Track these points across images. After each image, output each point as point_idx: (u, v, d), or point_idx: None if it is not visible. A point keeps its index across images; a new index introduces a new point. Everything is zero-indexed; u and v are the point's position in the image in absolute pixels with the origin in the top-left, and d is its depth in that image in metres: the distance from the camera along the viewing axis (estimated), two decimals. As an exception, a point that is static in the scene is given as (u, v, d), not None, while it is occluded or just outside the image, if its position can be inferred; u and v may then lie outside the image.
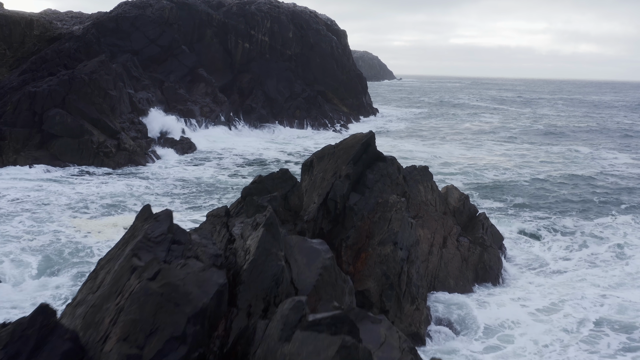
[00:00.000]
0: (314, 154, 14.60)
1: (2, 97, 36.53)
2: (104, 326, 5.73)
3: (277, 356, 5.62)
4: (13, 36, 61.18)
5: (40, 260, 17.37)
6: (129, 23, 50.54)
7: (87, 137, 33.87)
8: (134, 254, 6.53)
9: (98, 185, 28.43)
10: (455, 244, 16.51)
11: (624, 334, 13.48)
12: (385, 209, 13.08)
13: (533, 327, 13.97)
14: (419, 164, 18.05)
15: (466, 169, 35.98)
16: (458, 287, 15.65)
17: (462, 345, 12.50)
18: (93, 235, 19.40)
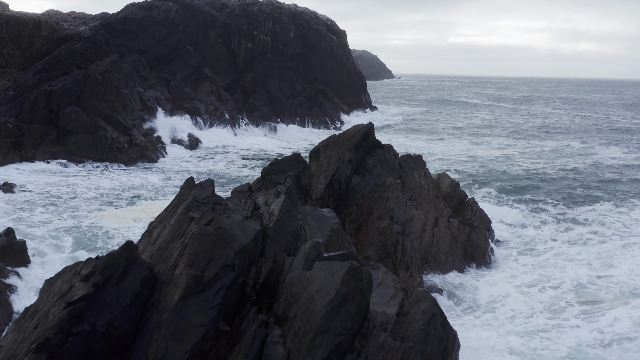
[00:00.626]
0: (320, 142, 16.58)
1: (19, 95, 38.46)
2: (172, 259, 7.68)
3: (301, 280, 7.57)
4: (22, 37, 63.14)
5: (71, 242, 19.30)
6: (137, 24, 52.48)
7: (101, 133, 35.82)
8: (188, 210, 8.49)
9: (119, 179, 30.45)
10: (446, 224, 18.48)
11: (587, 305, 15.39)
12: (383, 189, 15.05)
13: (514, 298, 15.90)
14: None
15: (459, 161, 38.00)
16: (448, 261, 17.63)
17: (448, 306, 14.46)
18: (119, 223, 21.34)
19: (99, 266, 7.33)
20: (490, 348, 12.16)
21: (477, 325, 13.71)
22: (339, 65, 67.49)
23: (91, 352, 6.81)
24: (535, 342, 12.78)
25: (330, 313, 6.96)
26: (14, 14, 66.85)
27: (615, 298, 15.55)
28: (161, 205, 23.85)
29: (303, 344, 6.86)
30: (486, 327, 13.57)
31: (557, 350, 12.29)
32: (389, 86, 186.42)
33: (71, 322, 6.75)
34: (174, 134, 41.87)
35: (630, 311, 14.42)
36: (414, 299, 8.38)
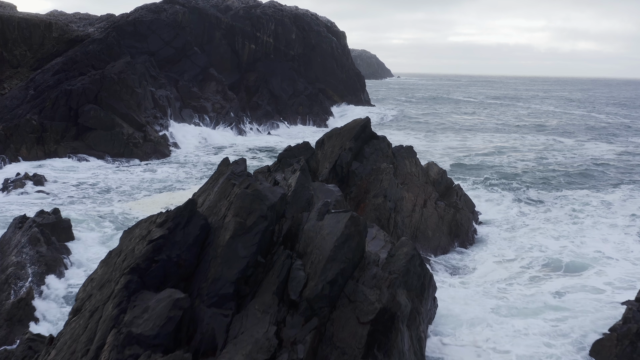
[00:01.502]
0: (325, 134, 19.41)
1: (40, 94, 41.25)
2: (221, 212, 10.51)
3: (315, 227, 10.40)
4: (33, 38, 65.98)
5: (107, 225, 22.09)
6: (146, 27, 55.27)
7: (118, 129, 38.62)
8: (229, 179, 11.32)
9: (143, 172, 33.35)
10: (433, 205, 21.32)
11: (551, 271, 18.21)
12: (378, 173, 17.89)
13: (490, 265, 18.73)
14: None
15: (450, 153, 40.91)
16: (435, 237, 20.47)
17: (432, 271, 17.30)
18: (150, 209, 24.17)
19: (170, 216, 10.18)
20: (463, 297, 15.01)
21: (455, 285, 16.56)
22: (338, 65, 70.31)
23: (167, 276, 9.65)
24: (503, 297, 15.62)
25: (337, 247, 9.82)
26: (25, 16, 69.69)
27: (574, 268, 18.36)
28: (185, 193, 26.96)
29: (318, 269, 9.71)
30: (462, 285, 16.42)
31: (518, 301, 15.16)
32: (388, 85, 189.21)
33: (154, 253, 9.59)
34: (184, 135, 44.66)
35: (585, 279, 17.25)
36: (399, 245, 11.24)
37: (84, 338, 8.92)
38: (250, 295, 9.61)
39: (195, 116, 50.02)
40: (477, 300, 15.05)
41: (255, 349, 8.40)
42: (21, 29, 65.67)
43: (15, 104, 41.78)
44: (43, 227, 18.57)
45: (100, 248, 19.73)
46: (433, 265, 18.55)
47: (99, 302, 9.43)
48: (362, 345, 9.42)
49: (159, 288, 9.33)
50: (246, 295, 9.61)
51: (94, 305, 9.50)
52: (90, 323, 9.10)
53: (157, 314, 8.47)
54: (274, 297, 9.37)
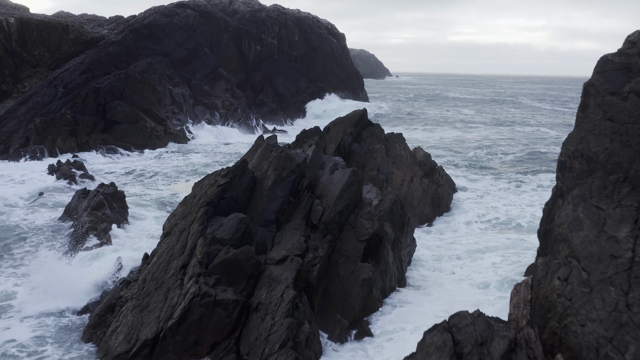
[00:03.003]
0: (330, 122, 24.33)
1: (71, 92, 46.07)
2: (264, 168, 15.41)
3: (328, 178, 15.32)
4: (51, 39, 70.91)
5: (156, 205, 26.93)
6: (160, 29, 60.16)
7: (141, 123, 43.50)
8: (268, 148, 16.23)
9: (175, 161, 38.42)
10: (419, 181, 26.27)
11: (509, 229, 23.14)
12: (373, 152, 22.83)
13: (461, 224, 23.64)
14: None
15: (437, 142, 45.90)
16: (419, 206, 25.39)
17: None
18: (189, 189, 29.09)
19: (231, 170, 15.12)
20: (437, 245, 19.98)
21: (430, 238, 21.56)
22: (338, 65, 75.26)
23: (230, 208, 14.56)
24: (468, 241, 20.59)
25: (343, 190, 14.77)
26: (43, 19, 74.65)
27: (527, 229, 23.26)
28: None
29: (330, 204, 14.65)
30: (435, 238, 21.42)
31: (477, 244, 20.16)
32: (386, 84, 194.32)
33: (222, 193, 14.52)
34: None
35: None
36: (385, 194, 16.21)
37: (178, 246, 13.84)
38: (285, 221, 14.55)
39: (207, 112, 54.88)
40: (446, 247, 20.03)
41: (292, 249, 13.33)
42: (40, 30, 70.63)
43: (47, 101, 46.61)
44: (105, 195, 23.45)
45: (152, 211, 24.73)
46: (416, 225, 23.48)
47: (185, 225, 14.35)
48: (360, 254, 14.36)
49: (225, 215, 14.25)
50: (282, 222, 14.55)
51: (181, 228, 14.42)
52: (181, 237, 14.02)
53: (229, 227, 13.39)
54: (302, 221, 14.32)
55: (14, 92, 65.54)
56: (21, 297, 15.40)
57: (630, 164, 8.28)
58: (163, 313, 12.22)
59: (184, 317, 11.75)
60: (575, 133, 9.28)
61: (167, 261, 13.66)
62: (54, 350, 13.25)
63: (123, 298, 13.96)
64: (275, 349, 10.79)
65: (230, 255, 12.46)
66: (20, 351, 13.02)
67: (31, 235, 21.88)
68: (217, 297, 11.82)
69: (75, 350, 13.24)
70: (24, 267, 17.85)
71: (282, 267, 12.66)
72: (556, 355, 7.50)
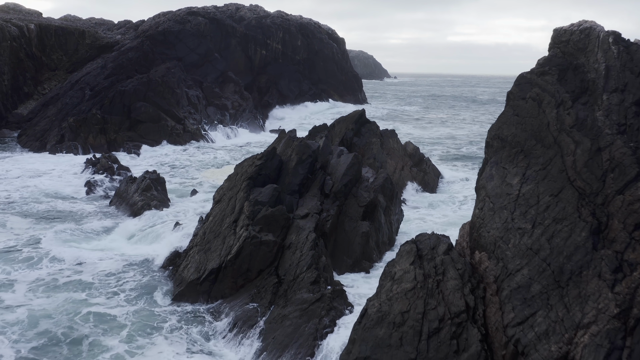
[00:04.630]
0: (335, 120, 29.86)
1: (98, 94, 51.56)
2: (288, 153, 20.90)
3: (336, 161, 20.86)
4: (68, 44, 76.51)
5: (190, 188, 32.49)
6: (174, 36, 65.70)
7: (163, 122, 49.00)
8: (290, 138, 21.74)
9: (201, 155, 44.07)
10: (408, 170, 31.85)
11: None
12: (370, 144, 28.39)
13: (443, 200, 29.20)
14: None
15: (428, 139, 51.51)
16: (409, 190, 30.95)
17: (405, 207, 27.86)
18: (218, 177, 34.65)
19: (264, 154, 20.68)
20: (422, 217, 25.56)
21: (415, 210, 27.12)
22: (338, 68, 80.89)
23: (265, 182, 20.11)
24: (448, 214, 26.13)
25: (347, 169, 20.35)
26: (61, 25, 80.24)
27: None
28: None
29: (338, 179, 20.22)
30: (420, 213, 26.99)
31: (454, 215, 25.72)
32: (384, 85, 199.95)
33: (259, 171, 20.07)
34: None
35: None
36: (379, 173, 21.80)
37: (229, 208, 19.38)
38: (305, 191, 20.10)
39: (218, 113, 60.37)
40: (428, 218, 25.61)
41: (311, 209, 18.87)
42: (58, 36, 76.24)
43: (75, 102, 52.13)
44: (151, 180, 28.97)
45: (187, 193, 30.33)
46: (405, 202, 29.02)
47: (232, 194, 19.88)
48: (360, 216, 19.92)
49: (262, 187, 19.77)
50: (303, 192, 20.09)
51: (229, 196, 19.96)
52: (230, 202, 19.56)
53: (266, 194, 18.92)
54: (317, 191, 19.88)
55: (35, 94, 71.13)
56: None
57: (525, 142, 13.72)
58: (223, 251, 17.76)
59: (239, 253, 17.29)
60: (495, 124, 14.75)
61: (221, 219, 19.21)
62: (136, 275, 18.93)
63: (187, 247, 19.52)
64: (304, 270, 16.33)
65: (269, 212, 18.00)
66: (110, 275, 18.72)
67: (97, 213, 27.51)
68: (262, 239, 17.36)
69: (153, 278, 18.87)
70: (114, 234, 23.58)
71: (305, 220, 18.21)
72: (475, 251, 12.94)
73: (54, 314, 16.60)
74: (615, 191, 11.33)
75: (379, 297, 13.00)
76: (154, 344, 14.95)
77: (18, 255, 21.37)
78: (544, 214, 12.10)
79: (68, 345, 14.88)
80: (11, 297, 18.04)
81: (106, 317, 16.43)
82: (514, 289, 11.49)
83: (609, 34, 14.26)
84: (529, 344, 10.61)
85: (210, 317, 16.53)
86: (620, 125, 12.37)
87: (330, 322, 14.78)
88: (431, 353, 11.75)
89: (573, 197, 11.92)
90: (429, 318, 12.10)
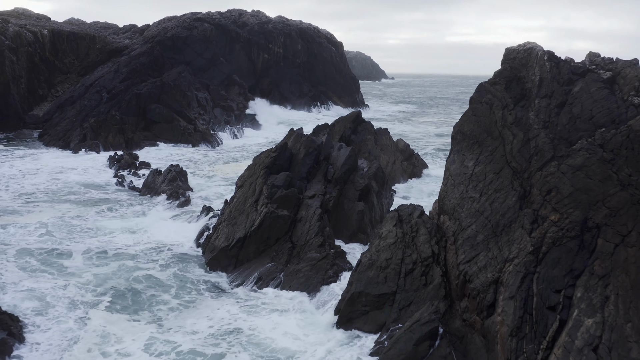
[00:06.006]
0: (335, 120, 34.64)
1: (115, 97, 56.28)
2: (297, 147, 25.72)
3: (337, 153, 25.65)
4: (80, 49, 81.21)
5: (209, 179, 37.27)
6: (182, 42, 70.47)
7: (176, 122, 53.74)
8: (299, 135, 26.50)
9: (213, 153, 48.84)
10: (399, 163, 36.68)
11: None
12: (365, 140, 33.21)
13: (429, 186, 34.03)
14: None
15: (419, 137, 56.38)
16: (400, 180, 35.78)
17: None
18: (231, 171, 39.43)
19: (278, 148, 25.51)
20: (408, 200, 30.34)
21: (403, 199, 31.92)
22: (337, 71, 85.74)
23: (279, 170, 24.89)
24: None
25: (346, 160, 25.18)
26: (73, 30, 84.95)
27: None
28: (244, 163, 42.39)
29: (338, 167, 25.03)
30: (407, 199, 31.77)
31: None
32: (381, 86, 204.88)
33: (274, 161, 24.86)
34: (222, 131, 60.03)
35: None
36: (372, 163, 26.64)
37: (250, 191, 24.16)
38: (312, 178, 24.89)
39: (224, 114, 65.15)
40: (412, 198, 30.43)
41: (317, 191, 23.65)
42: (69, 41, 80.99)
43: (94, 104, 56.84)
44: (176, 172, 33.73)
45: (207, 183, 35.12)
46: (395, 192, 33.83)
47: (252, 180, 24.66)
48: (356, 198, 24.73)
49: (277, 174, 24.54)
50: (310, 178, 24.88)
51: (250, 182, 24.74)
52: (251, 186, 24.34)
53: (281, 179, 23.69)
54: (322, 177, 24.68)
55: (49, 96, 75.83)
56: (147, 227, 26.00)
57: (479, 135, 18.46)
58: (247, 224, 22.53)
59: (260, 225, 22.06)
60: (458, 122, 19.50)
61: (244, 199, 23.99)
62: (173, 248, 23.75)
63: (216, 223, 24.31)
64: (312, 237, 21.12)
65: (284, 193, 22.78)
66: (150, 249, 23.53)
67: (130, 200, 32.31)
68: (279, 214, 22.14)
69: (188, 250, 23.68)
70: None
71: (312, 200, 23.01)
72: (440, 215, 17.67)
73: (113, 277, 21.22)
74: (537, 169, 16.12)
75: (370, 250, 17.82)
76: (199, 298, 19.64)
77: (71, 230, 26.16)
78: (489, 186, 16.92)
79: (132, 297, 19.52)
80: (73, 264, 22.68)
81: (155, 279, 21.08)
82: (465, 239, 16.30)
83: (545, 53, 19.08)
84: (473, 274, 15.41)
85: (240, 274, 21.31)
86: (545, 122, 17.18)
87: (334, 274, 19.59)
88: (407, 286, 16.56)
89: (509, 174, 16.73)
90: (405, 262, 16.92)
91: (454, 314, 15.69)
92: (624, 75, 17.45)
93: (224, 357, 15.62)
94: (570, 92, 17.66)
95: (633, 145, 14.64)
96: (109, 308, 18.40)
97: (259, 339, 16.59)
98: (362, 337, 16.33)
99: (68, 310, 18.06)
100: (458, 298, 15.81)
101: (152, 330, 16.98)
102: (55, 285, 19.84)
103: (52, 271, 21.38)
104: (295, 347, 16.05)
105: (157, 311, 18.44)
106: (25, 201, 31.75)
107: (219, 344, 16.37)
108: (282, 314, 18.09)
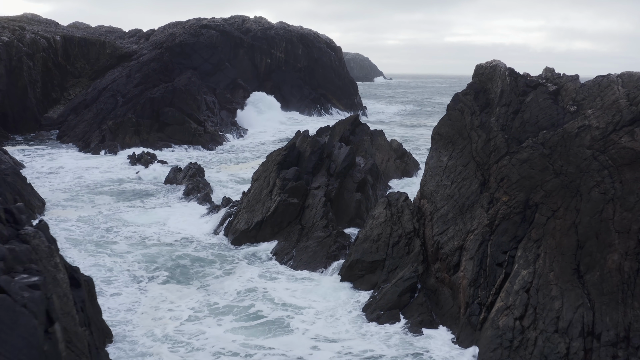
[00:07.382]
0: (335, 123, 39.50)
1: (130, 100, 61.09)
2: (304, 146, 30.57)
3: (338, 152, 30.53)
4: (90, 54, 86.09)
5: (224, 176, 42.13)
6: (190, 47, 75.33)
7: (187, 125, 58.56)
8: (305, 136, 31.33)
9: (224, 154, 53.79)
10: (393, 161, 41.59)
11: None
12: (362, 141, 38.10)
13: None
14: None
15: (410, 136, 61.31)
16: (393, 177, 40.69)
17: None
18: (240, 170, 44.29)
19: (288, 147, 30.41)
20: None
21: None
22: (336, 74, 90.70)
23: (289, 166, 29.76)
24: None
25: (346, 157, 30.09)
26: (84, 36, 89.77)
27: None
28: (257, 161, 47.27)
29: (339, 163, 29.93)
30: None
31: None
32: (379, 88, 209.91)
33: (284, 158, 29.75)
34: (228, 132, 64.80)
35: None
36: (367, 160, 31.56)
37: (264, 184, 29.05)
38: (317, 172, 29.77)
39: (230, 116, 69.99)
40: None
41: (322, 183, 28.53)
42: (81, 46, 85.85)
43: (110, 108, 61.66)
44: (195, 169, 38.57)
45: (222, 179, 39.95)
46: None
47: (267, 174, 29.53)
48: (354, 189, 29.63)
49: (287, 169, 29.38)
50: (316, 173, 29.75)
51: (264, 176, 29.62)
52: (266, 180, 29.21)
53: (291, 173, 28.55)
54: (325, 172, 29.58)
55: (62, 100, 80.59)
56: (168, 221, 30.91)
57: (453, 136, 23.31)
58: (264, 210, 27.39)
59: (275, 211, 26.92)
60: (437, 125, 24.38)
61: (260, 190, 28.86)
62: (203, 234, 28.59)
63: (237, 210, 29.16)
64: (318, 219, 25.99)
65: (294, 185, 27.65)
66: (183, 236, 28.43)
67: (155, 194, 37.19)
68: (290, 202, 27.01)
69: (214, 233, 28.54)
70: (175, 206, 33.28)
71: (318, 190, 27.88)
72: (421, 200, 22.54)
73: (158, 257, 25.82)
74: (494, 162, 21.00)
75: (365, 228, 22.70)
76: (238, 268, 24.35)
77: (107, 223, 30.98)
78: (458, 176, 21.81)
79: (181, 271, 24.16)
80: (118, 248, 27.30)
81: (196, 257, 25.72)
82: (439, 217, 21.20)
83: (506, 69, 23.97)
84: (444, 243, 20.29)
85: (260, 251, 26.17)
86: (503, 126, 22.06)
87: (337, 249, 24.46)
88: (394, 254, 21.45)
89: (473, 167, 21.61)
90: (393, 236, 21.81)
91: (429, 273, 20.58)
92: (565, 88, 22.34)
93: (250, 308, 20.44)
94: (524, 101, 22.54)
95: (565, 143, 19.53)
96: (164, 280, 23.03)
97: (273, 295, 21.44)
98: (360, 293, 21.20)
99: (131, 280, 22.73)
100: (432, 261, 20.71)
101: (200, 294, 21.67)
102: (115, 263, 24.51)
103: (108, 251, 26.08)
104: (304, 304, 20.89)
105: (203, 280, 23.14)
106: (63, 197, 36.49)
107: (243, 300, 21.16)
108: (294, 279, 22.95)
